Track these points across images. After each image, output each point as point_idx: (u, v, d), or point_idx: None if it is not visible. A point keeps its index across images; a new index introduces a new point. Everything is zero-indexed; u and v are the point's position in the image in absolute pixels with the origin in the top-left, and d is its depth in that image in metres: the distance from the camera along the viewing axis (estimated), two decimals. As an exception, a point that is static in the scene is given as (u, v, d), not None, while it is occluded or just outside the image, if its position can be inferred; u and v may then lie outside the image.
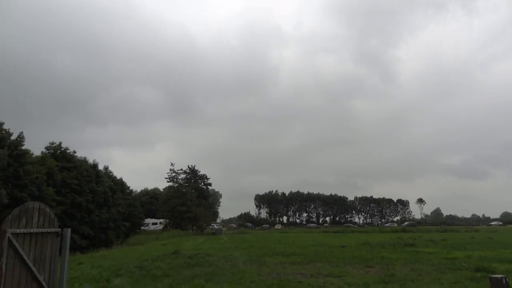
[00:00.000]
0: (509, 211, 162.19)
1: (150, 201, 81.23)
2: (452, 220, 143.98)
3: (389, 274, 12.57)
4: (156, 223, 72.23)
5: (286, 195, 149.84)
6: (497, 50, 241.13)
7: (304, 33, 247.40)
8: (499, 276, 3.74)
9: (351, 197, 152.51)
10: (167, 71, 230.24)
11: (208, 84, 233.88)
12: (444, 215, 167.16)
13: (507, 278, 3.71)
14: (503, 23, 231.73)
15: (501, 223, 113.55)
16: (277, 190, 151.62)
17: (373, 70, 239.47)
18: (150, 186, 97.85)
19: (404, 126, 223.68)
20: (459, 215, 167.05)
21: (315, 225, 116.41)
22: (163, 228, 64.50)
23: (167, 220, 64.96)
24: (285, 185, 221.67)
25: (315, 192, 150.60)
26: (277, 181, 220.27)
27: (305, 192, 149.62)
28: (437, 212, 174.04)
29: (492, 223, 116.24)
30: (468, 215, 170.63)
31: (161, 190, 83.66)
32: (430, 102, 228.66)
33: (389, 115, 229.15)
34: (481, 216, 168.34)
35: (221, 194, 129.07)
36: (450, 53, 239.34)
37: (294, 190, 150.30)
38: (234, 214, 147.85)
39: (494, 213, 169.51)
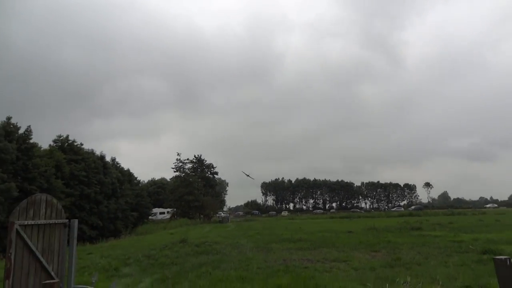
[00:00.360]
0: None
1: (157, 191, 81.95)
2: (460, 203, 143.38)
3: (395, 258, 12.62)
4: (163, 213, 72.97)
5: (293, 182, 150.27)
6: (508, 30, 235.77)
7: (309, 19, 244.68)
8: (503, 257, 3.74)
9: (357, 183, 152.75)
10: (173, 62, 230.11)
11: (214, 74, 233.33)
12: (452, 199, 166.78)
13: (511, 259, 3.69)
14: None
15: (496, 205, 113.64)
16: (283, 178, 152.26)
17: (380, 54, 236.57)
18: (157, 176, 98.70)
19: (412, 110, 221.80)
20: (467, 198, 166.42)
21: (322, 211, 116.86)
22: (170, 217, 65.19)
23: (175, 210, 65.60)
24: (291, 172, 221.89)
25: (322, 178, 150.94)
26: (284, 168, 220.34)
27: (312, 179, 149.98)
28: (444, 196, 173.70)
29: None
30: (475, 198, 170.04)
31: (168, 180, 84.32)
32: (438, 85, 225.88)
33: (396, 99, 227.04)
34: (488, 198, 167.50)
35: (227, 183, 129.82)
36: (459, 34, 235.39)
37: (300, 177, 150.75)
38: (241, 202, 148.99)
39: (502, 195, 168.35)
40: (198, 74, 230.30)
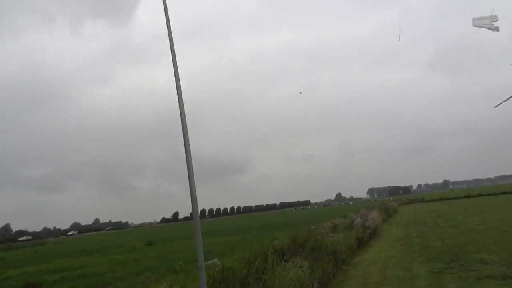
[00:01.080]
0: (78, 221, 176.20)
1: None
2: (22, 236, 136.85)
3: None
4: None
5: None
6: (92, 75, 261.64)
7: None
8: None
9: None
10: None
11: None
12: (14, 231, 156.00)
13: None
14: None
15: (76, 232, 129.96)
16: None
17: None
18: None
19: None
20: (30, 229, 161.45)
21: None
22: None
23: None
24: None
25: None
26: None
27: None
28: (5, 228, 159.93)
29: (69, 233, 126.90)
30: (40, 228, 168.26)
31: None
32: (20, 111, 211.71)
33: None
34: (52, 228, 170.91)
35: None
36: (49, 70, 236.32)
37: None
38: None
39: (67, 224, 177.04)
40: None
